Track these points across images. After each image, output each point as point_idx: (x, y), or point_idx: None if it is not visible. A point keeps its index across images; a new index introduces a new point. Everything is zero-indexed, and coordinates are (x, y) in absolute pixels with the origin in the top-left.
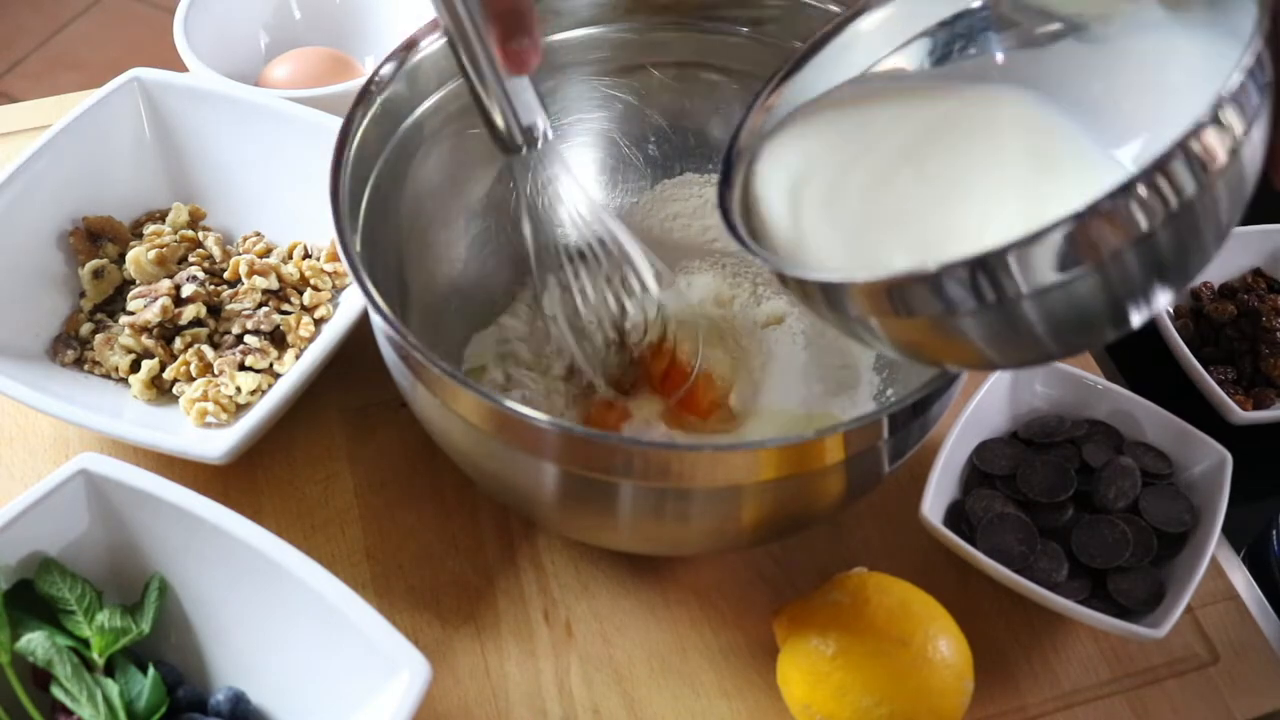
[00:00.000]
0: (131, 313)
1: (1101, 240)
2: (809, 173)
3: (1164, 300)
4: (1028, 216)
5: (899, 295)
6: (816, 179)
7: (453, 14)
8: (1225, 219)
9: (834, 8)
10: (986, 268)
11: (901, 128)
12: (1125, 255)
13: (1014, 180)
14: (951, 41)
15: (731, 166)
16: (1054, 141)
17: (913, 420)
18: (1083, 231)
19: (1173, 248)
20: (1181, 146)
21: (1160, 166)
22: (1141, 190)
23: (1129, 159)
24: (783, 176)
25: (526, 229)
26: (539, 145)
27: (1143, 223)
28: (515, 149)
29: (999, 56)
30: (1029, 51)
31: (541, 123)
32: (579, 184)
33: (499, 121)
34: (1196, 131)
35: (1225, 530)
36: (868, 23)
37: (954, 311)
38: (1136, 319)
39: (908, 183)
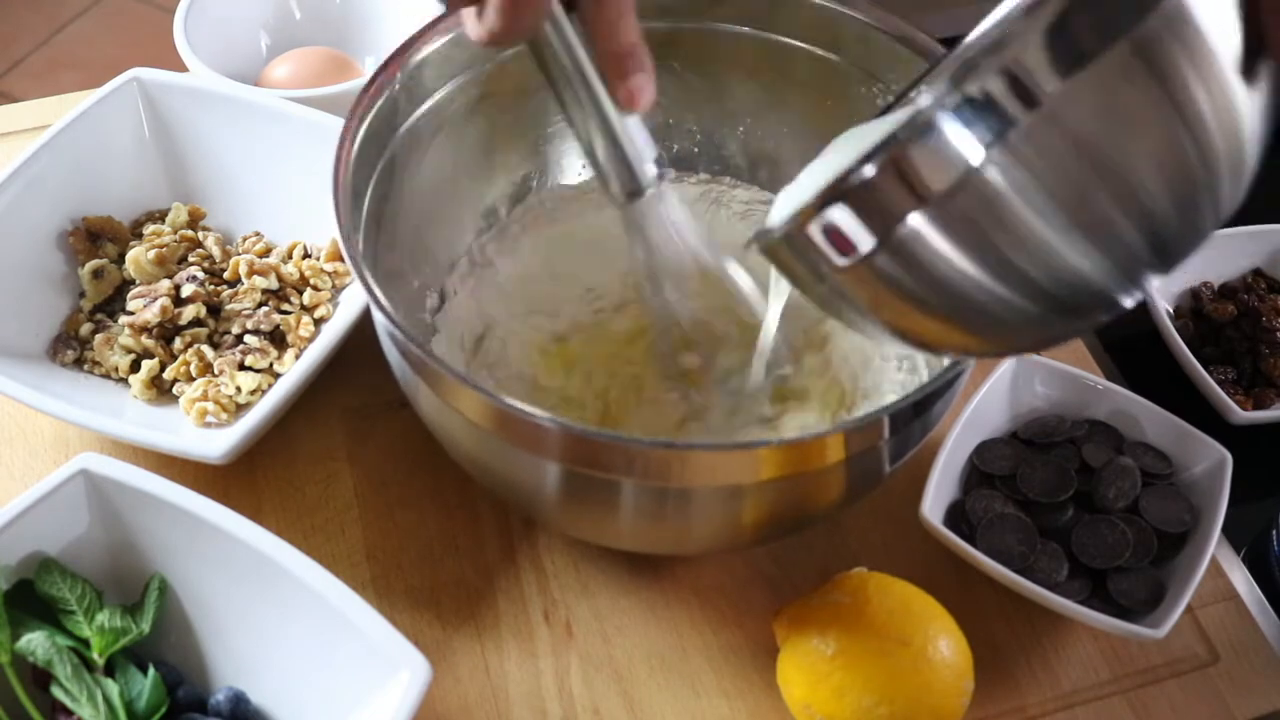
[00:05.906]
0: (131, 313)
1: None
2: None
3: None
4: None
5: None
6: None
7: (559, 61)
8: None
9: (832, 5)
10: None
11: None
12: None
13: None
14: None
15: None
16: None
17: (913, 420)
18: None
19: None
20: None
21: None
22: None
23: None
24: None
25: (645, 278)
26: (658, 186)
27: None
28: (634, 196)
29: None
30: None
31: (655, 165)
32: (692, 223)
33: (620, 164)
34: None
35: (1225, 530)
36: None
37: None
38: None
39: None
